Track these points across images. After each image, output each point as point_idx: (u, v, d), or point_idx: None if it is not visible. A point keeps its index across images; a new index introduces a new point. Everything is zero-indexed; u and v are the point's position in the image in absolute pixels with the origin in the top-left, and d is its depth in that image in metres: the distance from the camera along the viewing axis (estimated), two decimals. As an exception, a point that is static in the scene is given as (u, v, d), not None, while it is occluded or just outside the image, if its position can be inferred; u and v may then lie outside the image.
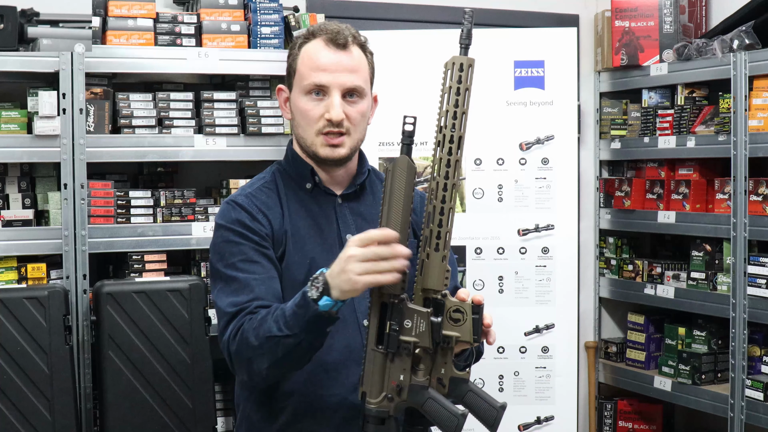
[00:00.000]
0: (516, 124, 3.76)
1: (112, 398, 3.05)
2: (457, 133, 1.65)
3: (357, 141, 1.91)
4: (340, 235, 1.91)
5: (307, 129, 1.89)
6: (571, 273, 3.80)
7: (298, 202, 1.93)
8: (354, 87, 1.87)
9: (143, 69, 3.28)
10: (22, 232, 3.12)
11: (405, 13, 3.98)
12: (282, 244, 1.88)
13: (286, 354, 1.71)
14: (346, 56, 1.88)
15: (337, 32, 1.88)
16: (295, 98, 1.91)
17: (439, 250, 1.63)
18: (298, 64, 1.90)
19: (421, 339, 1.64)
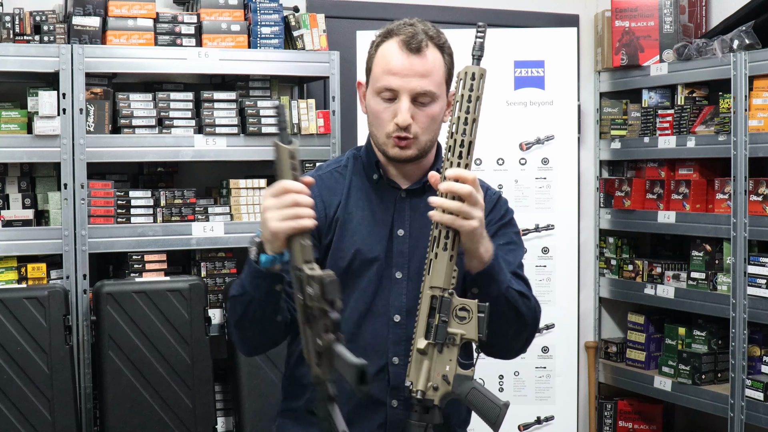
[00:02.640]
0: (516, 124, 3.76)
1: (112, 398, 3.05)
2: (467, 138, 1.72)
3: (426, 142, 1.91)
4: (392, 229, 1.92)
5: (378, 129, 1.91)
6: (571, 273, 3.80)
7: (361, 191, 1.97)
8: (424, 92, 1.87)
9: (143, 69, 3.28)
10: (22, 232, 3.12)
11: (405, 13, 3.94)
12: (332, 231, 1.93)
13: (243, 313, 1.78)
14: (419, 60, 1.88)
15: (412, 35, 1.90)
16: (369, 97, 1.93)
17: (447, 249, 1.70)
18: (374, 64, 1.92)
19: (469, 331, 1.70)
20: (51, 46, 3.12)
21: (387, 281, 1.90)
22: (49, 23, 3.15)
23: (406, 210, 1.94)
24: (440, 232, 1.71)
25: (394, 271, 1.90)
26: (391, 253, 1.91)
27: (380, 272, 1.90)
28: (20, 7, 3.16)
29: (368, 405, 1.87)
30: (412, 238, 1.91)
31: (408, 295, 1.89)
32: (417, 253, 1.90)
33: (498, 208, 1.97)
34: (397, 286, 1.89)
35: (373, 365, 1.86)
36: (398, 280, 1.90)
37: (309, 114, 3.48)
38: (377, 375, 1.87)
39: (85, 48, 3.15)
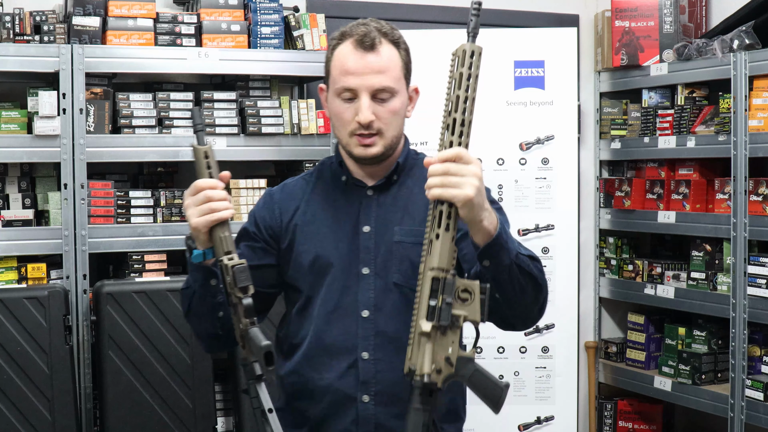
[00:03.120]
0: (516, 124, 3.76)
1: (112, 398, 3.05)
2: (468, 117, 1.68)
3: (391, 138, 1.93)
4: (357, 226, 1.94)
5: (341, 130, 1.93)
6: (571, 273, 3.80)
7: (326, 194, 2.00)
8: (383, 87, 1.89)
9: (143, 69, 3.28)
10: (22, 232, 3.12)
11: (405, 13, 3.98)
12: (289, 236, 1.97)
13: (188, 306, 1.89)
14: (374, 57, 1.90)
15: (364, 34, 1.92)
16: (330, 100, 1.95)
17: (450, 230, 1.65)
18: (331, 67, 1.94)
19: (471, 313, 1.66)
20: (51, 46, 3.12)
21: (354, 278, 1.92)
22: (49, 23, 3.15)
23: (372, 207, 1.96)
24: (440, 211, 1.65)
25: (361, 267, 1.92)
26: (357, 250, 1.93)
27: (345, 270, 1.92)
28: (20, 7, 3.16)
29: (339, 401, 1.90)
30: (377, 234, 1.93)
31: (375, 290, 1.91)
32: (383, 248, 1.92)
33: None
34: (365, 282, 1.92)
35: (343, 361, 1.89)
36: (365, 275, 1.92)
37: (309, 114, 3.48)
38: (347, 371, 1.89)
39: (85, 48, 3.15)
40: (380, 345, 1.89)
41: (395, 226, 1.93)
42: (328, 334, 1.91)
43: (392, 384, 1.88)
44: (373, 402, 1.88)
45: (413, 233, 1.92)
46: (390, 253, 1.91)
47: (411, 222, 1.94)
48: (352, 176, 1.99)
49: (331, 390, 1.90)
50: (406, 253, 1.91)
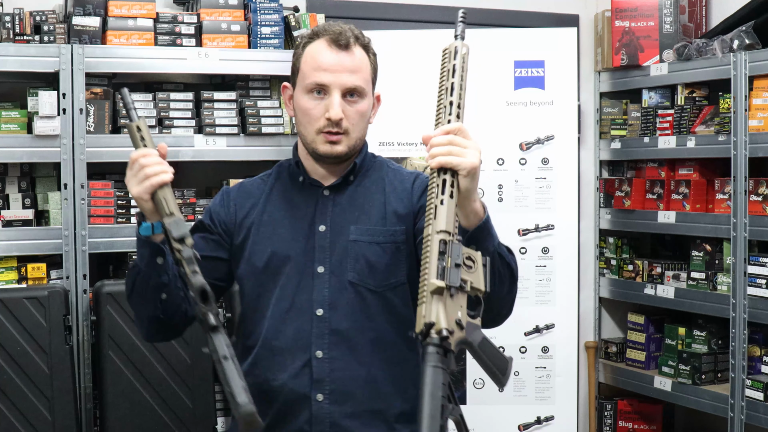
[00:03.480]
0: (516, 124, 3.76)
1: (112, 398, 3.05)
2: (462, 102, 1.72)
3: (356, 140, 1.96)
4: (313, 225, 1.96)
5: (307, 127, 1.95)
6: (571, 273, 3.80)
7: (283, 194, 2.02)
8: (354, 87, 1.92)
9: (143, 69, 3.28)
10: (22, 232, 3.12)
11: (405, 13, 3.98)
12: (242, 232, 1.99)
13: (132, 285, 1.88)
14: (348, 57, 1.92)
15: (339, 33, 1.93)
16: (298, 97, 1.96)
17: (453, 197, 1.65)
18: (302, 63, 1.96)
19: (476, 280, 1.64)
20: (51, 46, 3.12)
21: (308, 276, 1.93)
22: (49, 23, 3.15)
23: (328, 206, 1.98)
24: (444, 180, 1.66)
25: (316, 266, 1.93)
26: (312, 249, 1.94)
27: (300, 268, 1.94)
28: (20, 7, 3.16)
29: (294, 400, 1.90)
30: (333, 233, 1.95)
31: (331, 289, 1.92)
32: (338, 247, 1.94)
33: None
34: (319, 280, 1.93)
35: (297, 360, 1.90)
36: (320, 274, 1.93)
37: (301, 114, 3.48)
38: (301, 370, 1.90)
39: (85, 48, 3.15)
40: (334, 343, 1.90)
41: (351, 225, 1.95)
42: (282, 333, 1.92)
43: (346, 382, 1.89)
44: (328, 401, 1.88)
45: (369, 232, 1.93)
46: (345, 251, 1.93)
47: (367, 221, 1.95)
48: (309, 176, 2.00)
49: (285, 390, 1.91)
50: (361, 251, 1.92)
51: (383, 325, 1.93)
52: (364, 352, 1.91)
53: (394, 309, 1.95)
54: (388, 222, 1.95)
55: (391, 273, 1.93)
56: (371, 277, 1.92)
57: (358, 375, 1.90)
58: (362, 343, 1.92)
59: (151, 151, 1.82)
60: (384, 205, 1.97)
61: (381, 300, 1.93)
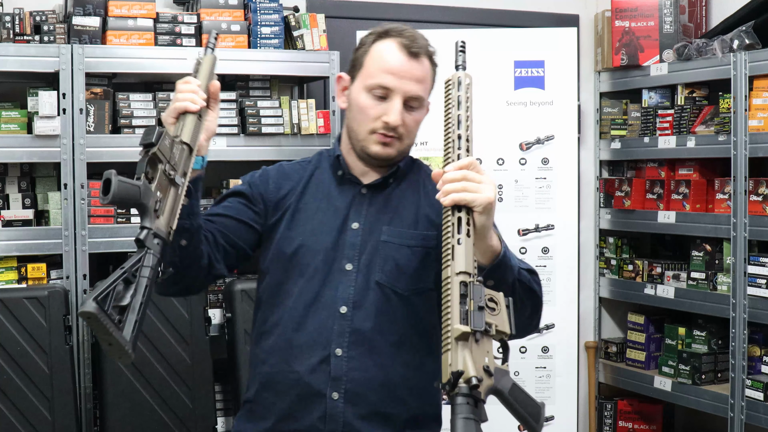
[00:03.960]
0: (516, 124, 3.76)
1: (112, 398, 3.05)
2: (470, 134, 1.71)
3: (407, 146, 1.95)
4: (346, 222, 1.94)
5: (361, 124, 1.93)
6: (571, 273, 3.80)
7: (321, 185, 2.00)
8: (417, 96, 1.91)
9: (143, 69, 3.28)
10: (22, 232, 3.12)
11: (405, 13, 3.98)
12: (277, 214, 1.97)
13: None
14: (417, 65, 1.91)
15: (413, 39, 1.91)
16: (356, 92, 1.94)
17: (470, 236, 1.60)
18: (367, 59, 1.93)
19: (500, 323, 1.56)
20: (51, 46, 3.12)
21: (336, 272, 1.91)
22: (49, 23, 3.16)
23: (364, 204, 1.96)
24: (459, 218, 1.61)
25: (345, 262, 1.91)
26: (342, 245, 1.92)
27: (328, 263, 1.91)
28: (20, 7, 3.16)
29: (308, 395, 1.88)
30: (365, 232, 1.93)
31: (356, 287, 1.90)
32: (369, 246, 1.92)
33: None
34: (346, 278, 1.90)
35: (316, 355, 1.88)
36: (348, 271, 1.91)
37: (309, 114, 3.48)
38: (319, 366, 1.87)
39: (85, 48, 3.15)
40: (354, 342, 1.88)
41: (384, 225, 1.93)
42: (303, 326, 1.90)
43: (362, 383, 1.87)
44: (343, 400, 1.86)
45: (400, 235, 1.92)
46: (375, 251, 1.91)
47: (400, 223, 1.93)
48: (349, 171, 1.98)
49: (300, 384, 1.88)
50: (391, 253, 1.91)
51: (406, 329, 1.91)
52: (384, 354, 1.89)
53: (418, 314, 1.92)
54: (420, 226, 1.94)
55: (419, 278, 1.91)
56: (399, 279, 1.90)
57: (374, 377, 1.88)
58: (382, 345, 1.89)
59: (191, 80, 1.83)
60: (417, 209, 1.96)
61: (406, 304, 1.91)
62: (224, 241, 1.92)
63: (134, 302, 1.51)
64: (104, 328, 1.46)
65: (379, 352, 1.89)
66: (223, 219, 1.95)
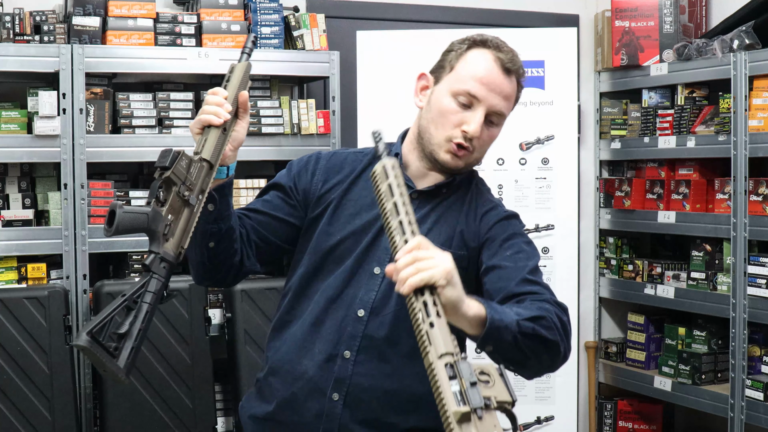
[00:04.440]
0: (516, 124, 3.73)
1: (112, 398, 3.05)
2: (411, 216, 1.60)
3: (476, 160, 1.92)
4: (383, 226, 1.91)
5: (439, 128, 1.89)
6: (571, 273, 3.80)
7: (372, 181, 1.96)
8: (500, 112, 1.88)
9: (143, 69, 3.28)
10: (22, 232, 3.12)
11: (405, 13, 3.98)
12: (319, 208, 1.95)
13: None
14: (508, 82, 1.89)
15: (511, 58, 1.89)
16: (440, 93, 1.90)
17: (441, 316, 1.51)
18: (459, 63, 1.90)
19: (499, 393, 1.50)
20: (51, 46, 3.12)
21: (364, 274, 1.89)
22: (49, 23, 3.16)
23: None
24: (424, 302, 1.51)
25: (374, 265, 1.89)
26: (376, 248, 1.89)
27: (360, 263, 1.89)
28: (20, 7, 3.16)
29: (310, 390, 1.86)
30: None
31: (379, 293, 1.87)
32: None
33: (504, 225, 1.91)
34: (372, 281, 1.88)
35: (324, 353, 1.86)
36: (375, 275, 1.88)
37: (309, 114, 3.48)
38: (325, 364, 1.86)
39: (85, 48, 3.15)
40: (365, 348, 1.86)
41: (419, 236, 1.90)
42: (321, 322, 1.89)
43: (365, 389, 1.85)
44: (342, 402, 1.84)
45: None
46: None
47: (436, 238, 1.88)
48: (405, 172, 1.93)
49: (305, 377, 1.87)
50: None
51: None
52: (394, 364, 1.86)
53: None
54: (454, 245, 1.89)
55: None
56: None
57: (379, 385, 1.86)
58: (394, 355, 1.86)
59: (220, 91, 1.85)
60: (455, 227, 1.92)
61: None
62: (257, 237, 1.92)
63: (132, 329, 1.55)
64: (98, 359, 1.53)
65: (389, 361, 1.87)
66: (259, 215, 1.94)
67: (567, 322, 1.80)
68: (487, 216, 1.92)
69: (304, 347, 1.89)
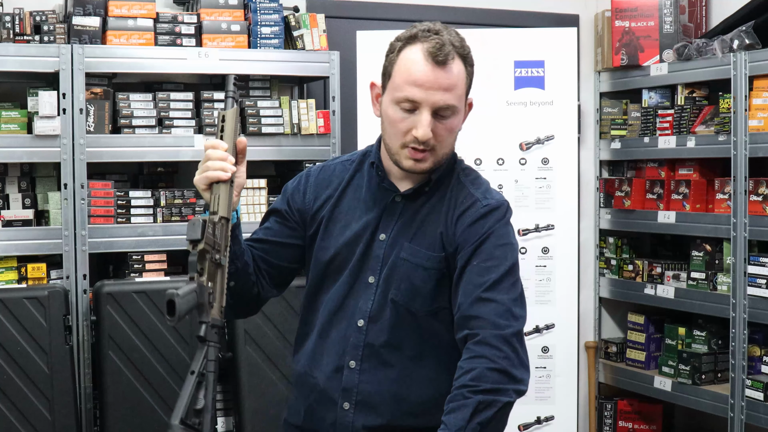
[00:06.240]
0: (516, 124, 3.76)
1: (112, 398, 3.05)
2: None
3: (442, 155, 1.89)
4: (376, 232, 1.92)
5: (393, 138, 1.88)
6: (571, 273, 3.80)
7: (358, 190, 1.97)
8: (447, 106, 1.83)
9: (143, 69, 3.28)
10: (22, 232, 3.12)
11: (405, 13, 3.98)
12: (314, 224, 1.97)
13: None
14: (444, 74, 1.82)
15: (439, 47, 1.82)
16: (386, 103, 1.88)
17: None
18: (395, 69, 1.87)
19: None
20: (51, 46, 3.12)
21: (361, 284, 1.91)
22: (49, 23, 3.16)
23: (395, 215, 1.92)
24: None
25: (369, 275, 1.91)
26: (369, 257, 1.91)
27: (356, 274, 1.91)
28: (20, 7, 3.16)
29: (324, 402, 1.91)
30: (389, 245, 1.90)
31: (375, 302, 1.89)
32: (390, 261, 1.90)
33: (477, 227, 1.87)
34: (368, 291, 1.90)
35: (332, 364, 1.90)
36: (370, 284, 1.90)
37: (309, 114, 3.48)
38: (334, 374, 1.90)
39: (85, 48, 3.15)
40: (367, 356, 1.89)
41: (406, 241, 1.89)
42: (327, 334, 1.93)
43: (373, 395, 1.88)
44: (353, 410, 1.88)
45: (418, 255, 1.88)
46: (395, 267, 1.89)
47: (420, 242, 1.90)
48: (387, 178, 1.94)
49: (317, 389, 1.92)
50: (408, 272, 1.88)
51: (424, 344, 1.90)
52: (398, 368, 1.89)
53: (434, 330, 1.91)
54: (436, 248, 1.89)
55: (434, 299, 1.89)
56: (414, 300, 1.88)
57: (386, 390, 1.88)
58: (397, 360, 1.89)
59: (220, 144, 1.81)
60: (437, 228, 1.91)
61: (422, 321, 1.90)
62: (266, 265, 1.96)
63: (207, 402, 1.62)
64: None
65: (392, 366, 1.89)
66: (263, 245, 1.97)
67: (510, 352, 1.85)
68: (463, 218, 1.89)
69: (315, 359, 1.94)
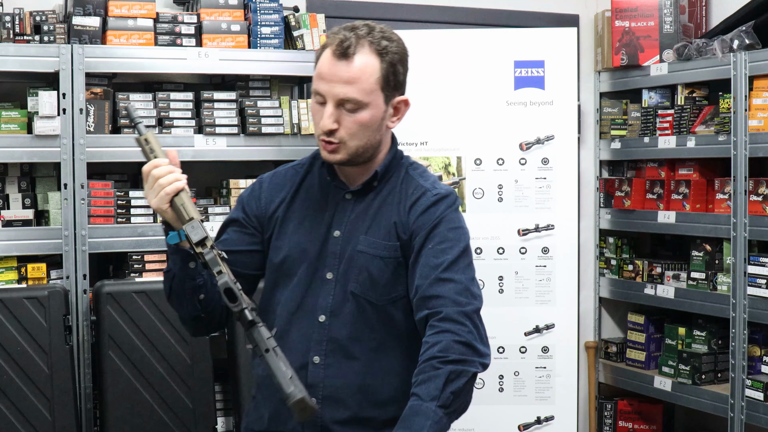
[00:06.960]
0: (516, 124, 3.76)
1: (112, 398, 3.05)
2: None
3: (357, 148, 1.91)
4: (330, 229, 1.95)
5: (315, 130, 1.95)
6: (571, 273, 3.79)
7: (311, 190, 2.01)
8: (347, 98, 1.86)
9: (143, 69, 3.28)
10: (22, 232, 3.12)
11: (404, 13, 3.98)
12: (271, 228, 2.00)
13: (170, 288, 1.94)
14: (345, 67, 1.86)
15: (342, 41, 1.87)
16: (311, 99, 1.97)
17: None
18: (316, 66, 1.94)
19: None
20: (51, 46, 3.12)
21: (318, 281, 1.94)
22: (49, 23, 3.16)
23: (347, 212, 1.96)
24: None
25: (326, 271, 1.93)
26: (325, 254, 1.94)
27: (312, 272, 1.94)
28: (20, 7, 3.16)
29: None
30: (344, 240, 1.94)
31: (335, 297, 1.92)
32: (347, 255, 1.93)
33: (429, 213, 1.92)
34: (327, 287, 1.93)
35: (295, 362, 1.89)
36: (328, 280, 1.93)
37: (309, 114, 3.48)
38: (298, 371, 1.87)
39: (85, 48, 3.15)
40: (332, 350, 1.91)
41: (361, 234, 1.93)
42: (287, 334, 1.94)
43: (339, 389, 1.90)
44: (320, 406, 1.88)
45: (374, 245, 1.92)
46: (352, 261, 1.92)
47: (375, 233, 1.94)
48: (337, 177, 1.99)
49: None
50: (365, 264, 1.92)
51: (384, 335, 1.93)
52: (362, 360, 1.92)
53: (394, 320, 1.94)
54: (391, 237, 1.93)
55: (392, 288, 1.93)
56: (372, 290, 1.92)
57: (351, 383, 1.91)
58: (360, 352, 1.92)
59: (161, 161, 1.85)
60: (391, 218, 1.95)
61: (382, 312, 1.93)
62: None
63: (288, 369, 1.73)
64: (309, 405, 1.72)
65: (356, 358, 1.92)
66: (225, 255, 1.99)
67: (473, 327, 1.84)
68: (415, 207, 1.94)
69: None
